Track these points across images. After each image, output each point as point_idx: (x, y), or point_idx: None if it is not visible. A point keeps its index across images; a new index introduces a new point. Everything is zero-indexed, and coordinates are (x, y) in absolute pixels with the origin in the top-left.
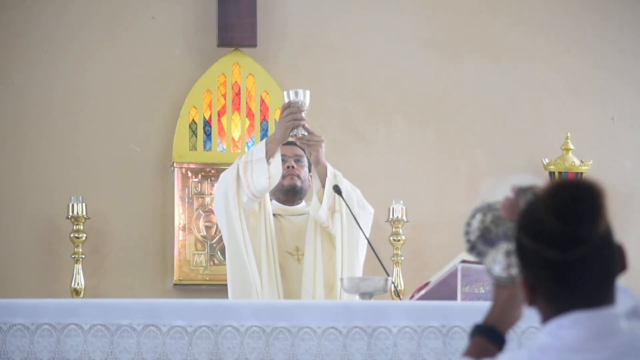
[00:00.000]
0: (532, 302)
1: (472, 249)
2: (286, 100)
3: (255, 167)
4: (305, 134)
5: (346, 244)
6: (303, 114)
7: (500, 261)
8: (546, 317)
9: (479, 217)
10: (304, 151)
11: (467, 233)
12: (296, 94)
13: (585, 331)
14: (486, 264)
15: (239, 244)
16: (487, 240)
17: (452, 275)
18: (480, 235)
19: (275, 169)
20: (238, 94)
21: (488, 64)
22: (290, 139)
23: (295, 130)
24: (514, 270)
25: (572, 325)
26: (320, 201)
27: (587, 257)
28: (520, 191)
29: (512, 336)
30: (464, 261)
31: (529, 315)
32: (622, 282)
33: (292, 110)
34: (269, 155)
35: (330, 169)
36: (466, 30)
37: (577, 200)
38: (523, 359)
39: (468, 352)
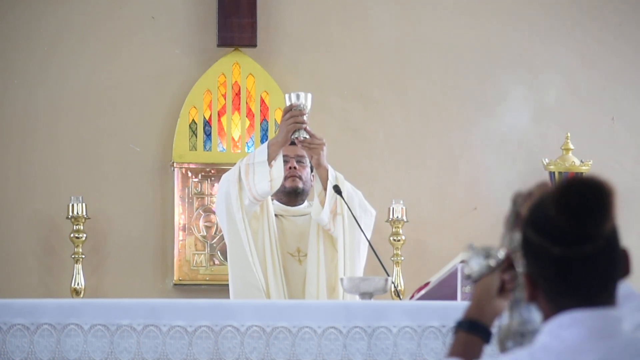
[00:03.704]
0: (533, 298)
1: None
2: (287, 103)
3: (257, 170)
4: (307, 136)
5: (348, 246)
6: (305, 117)
7: (472, 258)
8: (546, 314)
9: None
10: None
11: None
12: (297, 96)
13: (586, 330)
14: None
15: (243, 246)
16: None
17: (452, 275)
18: None
19: (277, 172)
20: (238, 94)
21: (488, 64)
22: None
23: (296, 133)
24: (485, 266)
25: (572, 324)
26: (322, 204)
27: (591, 256)
28: (515, 197)
29: None
30: (464, 261)
31: None
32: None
33: (293, 114)
34: (270, 158)
35: (331, 172)
36: (466, 31)
37: (585, 198)
38: (523, 358)
39: (451, 351)
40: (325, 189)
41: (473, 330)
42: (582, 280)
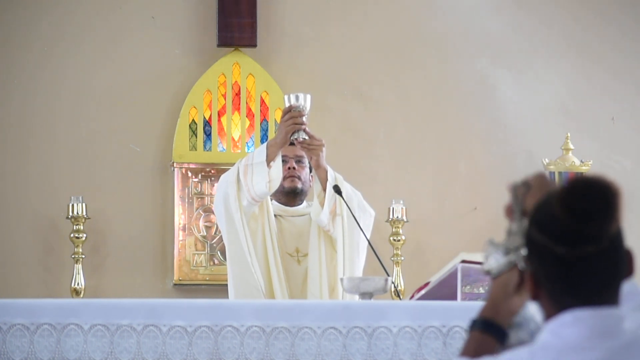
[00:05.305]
0: (536, 297)
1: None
2: (287, 104)
3: (256, 171)
4: (306, 137)
5: (347, 247)
6: (304, 118)
7: (492, 255)
8: (549, 314)
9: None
10: None
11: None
12: (297, 98)
13: (587, 329)
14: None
15: (242, 246)
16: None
17: (452, 275)
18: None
19: (276, 173)
20: (238, 94)
21: (488, 64)
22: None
23: (296, 134)
24: (504, 263)
25: (574, 323)
26: (322, 205)
27: (594, 256)
28: (513, 188)
29: None
30: (464, 261)
31: None
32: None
33: (292, 115)
34: (269, 159)
35: (330, 173)
36: (466, 30)
37: (590, 198)
38: (524, 357)
39: (464, 350)
40: (324, 189)
41: (487, 330)
42: (586, 280)
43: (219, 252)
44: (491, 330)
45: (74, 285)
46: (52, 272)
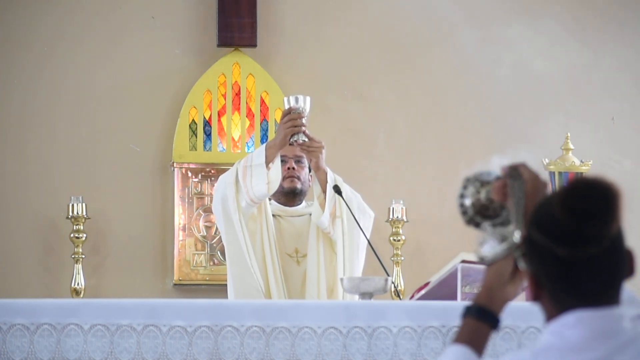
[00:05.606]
0: (536, 298)
1: (469, 222)
2: (286, 107)
3: (255, 173)
4: (306, 140)
5: (347, 249)
6: (303, 120)
7: (487, 241)
8: (550, 315)
9: (471, 190)
10: None
11: (462, 206)
12: (296, 100)
13: (589, 330)
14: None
15: (241, 247)
16: (486, 215)
17: (452, 275)
18: (477, 211)
19: (275, 175)
20: (238, 94)
21: (488, 63)
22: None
23: (295, 137)
24: (499, 250)
25: (576, 324)
26: (322, 207)
27: (595, 257)
28: (509, 171)
29: (512, 336)
30: (464, 261)
31: (529, 315)
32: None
33: (292, 117)
34: (268, 161)
35: (330, 175)
36: (466, 30)
37: (591, 199)
38: (526, 358)
39: (458, 337)
40: (324, 191)
41: (481, 317)
42: (587, 280)
43: (218, 252)
44: (485, 317)
45: (74, 285)
46: (52, 272)
